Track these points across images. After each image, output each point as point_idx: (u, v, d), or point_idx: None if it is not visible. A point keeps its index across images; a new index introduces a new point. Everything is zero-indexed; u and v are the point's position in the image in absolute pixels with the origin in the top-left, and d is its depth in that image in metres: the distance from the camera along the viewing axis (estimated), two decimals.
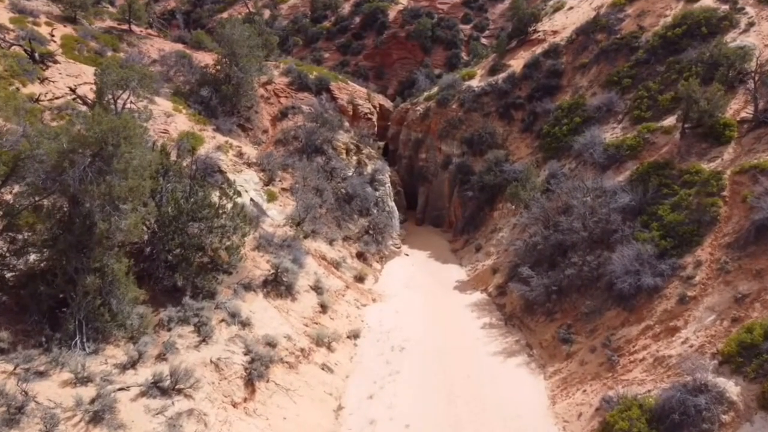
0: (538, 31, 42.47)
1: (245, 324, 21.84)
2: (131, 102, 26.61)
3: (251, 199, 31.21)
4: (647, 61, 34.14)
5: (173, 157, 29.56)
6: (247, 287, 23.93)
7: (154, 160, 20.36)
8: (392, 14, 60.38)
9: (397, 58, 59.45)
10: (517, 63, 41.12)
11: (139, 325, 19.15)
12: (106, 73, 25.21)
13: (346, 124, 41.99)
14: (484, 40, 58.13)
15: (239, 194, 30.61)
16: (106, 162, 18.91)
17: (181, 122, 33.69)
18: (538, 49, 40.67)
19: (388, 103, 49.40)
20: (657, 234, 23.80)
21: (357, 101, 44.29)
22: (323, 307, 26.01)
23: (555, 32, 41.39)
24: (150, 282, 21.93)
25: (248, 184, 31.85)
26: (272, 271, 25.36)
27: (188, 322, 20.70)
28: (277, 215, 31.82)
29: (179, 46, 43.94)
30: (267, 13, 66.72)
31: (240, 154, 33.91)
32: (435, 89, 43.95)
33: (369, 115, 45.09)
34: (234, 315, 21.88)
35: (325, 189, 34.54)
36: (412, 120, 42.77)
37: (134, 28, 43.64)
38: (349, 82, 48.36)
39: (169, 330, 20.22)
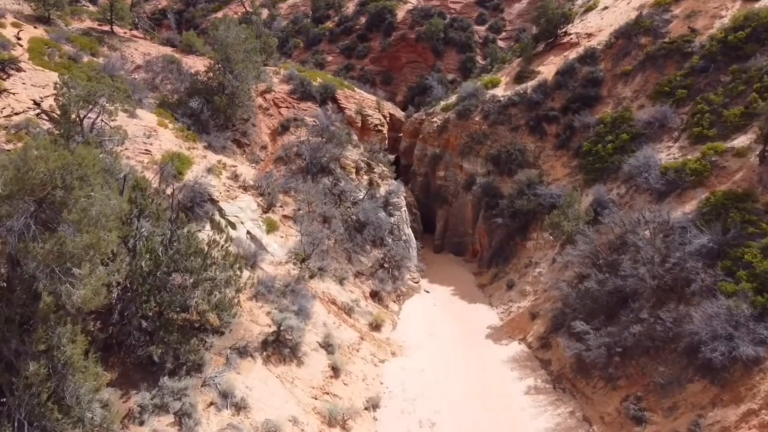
0: (570, 34, 37.92)
1: (240, 407, 17.28)
2: (102, 121, 21.98)
3: (248, 232, 26.60)
4: (705, 69, 29.61)
5: (155, 184, 24.99)
6: (243, 352, 19.38)
7: (122, 203, 15.72)
8: (400, 14, 55.81)
9: (407, 61, 54.83)
10: (547, 69, 36.55)
11: (102, 419, 14.61)
12: (69, 87, 20.54)
13: (355, 137, 37.41)
14: (501, 43, 53.59)
15: (234, 228, 26.08)
16: (55, 211, 14.36)
17: (167, 139, 29.03)
18: (572, 54, 36.12)
19: (399, 113, 44.81)
20: (749, 286, 19.30)
21: (366, 111, 39.68)
22: (335, 370, 21.45)
23: (590, 35, 36.84)
24: (120, 352, 17.41)
25: (244, 212, 27.22)
26: (273, 329, 20.79)
27: (167, 410, 16.22)
28: (278, 249, 27.21)
29: (167, 50, 39.27)
30: (265, 12, 62.14)
31: (235, 176, 29.28)
32: (453, 98, 39.36)
33: (379, 127, 40.48)
34: (226, 395, 17.35)
35: (333, 216, 29.95)
36: (428, 133, 38.15)
37: (117, 29, 38.95)
38: (356, 89, 43.75)
39: (142, 423, 15.67)
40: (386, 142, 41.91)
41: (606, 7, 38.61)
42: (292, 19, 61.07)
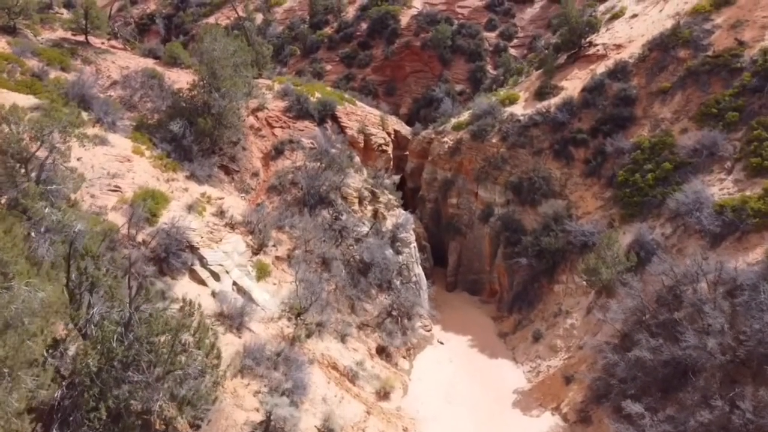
0: (596, 45, 34.12)
1: None
2: (53, 160, 18.11)
3: (234, 283, 22.79)
4: (758, 88, 25.97)
5: (123, 230, 21.19)
6: None
7: (57, 292, 11.94)
8: (404, 20, 51.91)
9: (411, 71, 50.94)
10: (572, 85, 32.75)
11: None
12: (10, 123, 16.70)
13: (357, 159, 33.59)
14: (513, 51, 49.72)
15: (217, 280, 22.23)
16: None
17: (142, 170, 25.22)
18: (599, 68, 32.33)
19: (404, 129, 40.97)
20: None
21: (369, 130, 35.86)
22: None
23: (618, 46, 33.05)
24: None
25: (230, 257, 23.43)
26: (261, 417, 17.00)
27: None
28: (269, 301, 23.41)
29: (149, 62, 35.44)
30: (259, 17, 58.21)
31: (220, 212, 25.46)
32: (465, 115, 35.52)
33: (384, 147, 36.67)
34: None
35: (334, 257, 26.17)
36: (438, 155, 34.28)
37: (93, 39, 35.06)
38: (357, 102, 39.94)
39: None
40: (391, 163, 38.17)
41: (635, 15, 34.79)
42: (289, 24, 57.16)
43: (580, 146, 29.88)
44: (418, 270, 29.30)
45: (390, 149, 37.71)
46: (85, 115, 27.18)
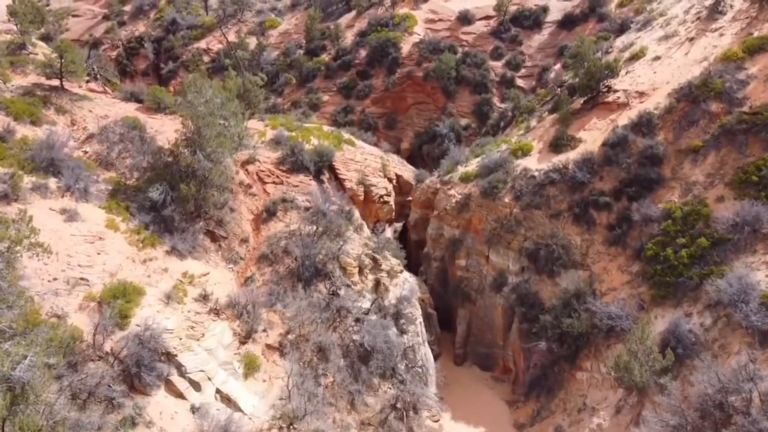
0: (616, 91, 31.36)
1: None
2: None
3: (217, 391, 20.03)
4: None
5: (87, 337, 18.39)
6: None
7: None
8: (406, 47, 49.08)
9: (413, 102, 48.17)
10: (590, 137, 30.01)
11: None
12: None
13: (356, 214, 30.86)
14: (520, 81, 46.95)
15: (198, 390, 19.44)
16: None
17: (116, 251, 22.43)
18: (621, 118, 29.61)
19: (407, 172, 38.18)
20: None
21: (369, 180, 33.12)
22: None
23: (641, 93, 30.34)
24: None
25: (214, 356, 20.72)
26: None
27: None
28: (258, 405, 20.69)
29: (130, 108, 32.63)
30: (253, 41, 55.28)
31: (204, 297, 22.73)
32: (473, 164, 32.72)
33: (385, 198, 33.95)
34: None
35: (331, 344, 23.42)
36: (444, 209, 31.47)
37: (69, 84, 32.16)
38: (356, 142, 37.18)
39: None
40: (393, 213, 35.45)
41: (658, 57, 32.05)
42: (284, 49, 54.21)
43: (603, 210, 27.13)
44: (425, 349, 26.58)
45: (392, 199, 35.02)
46: (53, 182, 24.59)
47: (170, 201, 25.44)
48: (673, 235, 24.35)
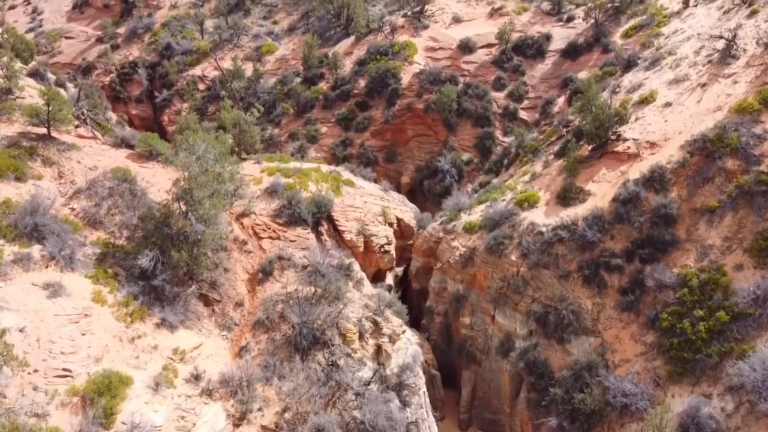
0: (626, 140, 30.21)
1: None
2: None
3: None
4: None
5: None
6: None
7: None
8: (406, 78, 47.85)
9: (414, 135, 47.02)
10: (600, 190, 28.83)
11: None
12: None
13: (356, 267, 29.63)
14: (523, 114, 45.81)
15: None
16: None
17: (102, 329, 21.22)
18: (632, 171, 28.45)
19: (407, 215, 36.89)
20: None
21: (369, 230, 31.96)
22: None
23: (652, 144, 29.20)
24: None
25: None
26: None
27: None
28: None
29: (121, 156, 31.35)
30: (250, 67, 54.03)
31: (196, 377, 21.58)
32: (478, 214, 31.48)
33: (386, 247, 32.78)
34: None
35: (330, 426, 22.16)
36: (448, 262, 30.27)
37: (58, 131, 30.85)
38: (356, 182, 36.01)
39: None
40: (394, 262, 34.26)
41: (669, 104, 30.87)
42: (281, 77, 52.98)
43: (614, 272, 25.95)
44: (429, 421, 25.33)
45: (393, 247, 33.80)
46: (37, 250, 23.33)
47: (161, 268, 24.20)
48: (690, 305, 23.18)
